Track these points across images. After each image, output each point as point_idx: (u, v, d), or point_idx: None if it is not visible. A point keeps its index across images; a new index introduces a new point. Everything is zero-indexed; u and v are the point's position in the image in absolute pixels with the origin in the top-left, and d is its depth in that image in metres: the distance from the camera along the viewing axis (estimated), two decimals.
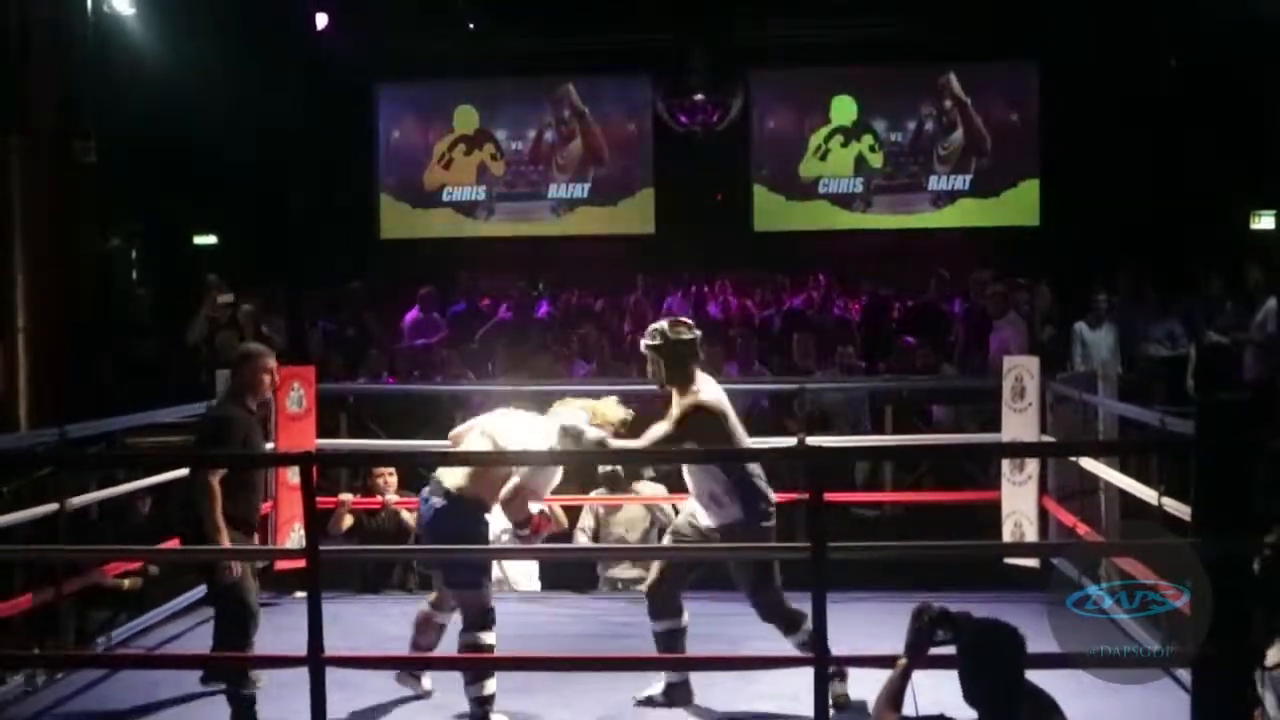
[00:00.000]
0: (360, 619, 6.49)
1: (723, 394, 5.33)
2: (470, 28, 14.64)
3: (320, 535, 4.75)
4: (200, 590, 6.89)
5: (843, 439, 8.16)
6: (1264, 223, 14.26)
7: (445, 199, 15.87)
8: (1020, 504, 7.25)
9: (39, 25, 9.55)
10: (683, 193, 15.21)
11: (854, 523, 8.33)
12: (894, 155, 15.44)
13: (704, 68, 14.85)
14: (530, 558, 7.70)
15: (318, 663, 4.09)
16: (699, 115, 15.05)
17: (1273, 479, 4.22)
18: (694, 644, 6.13)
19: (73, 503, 5.91)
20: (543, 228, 15.71)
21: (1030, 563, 7.11)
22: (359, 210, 15.43)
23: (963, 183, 15.37)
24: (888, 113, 15.50)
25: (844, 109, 15.46)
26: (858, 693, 3.71)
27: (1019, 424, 7.23)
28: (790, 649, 5.07)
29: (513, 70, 15.24)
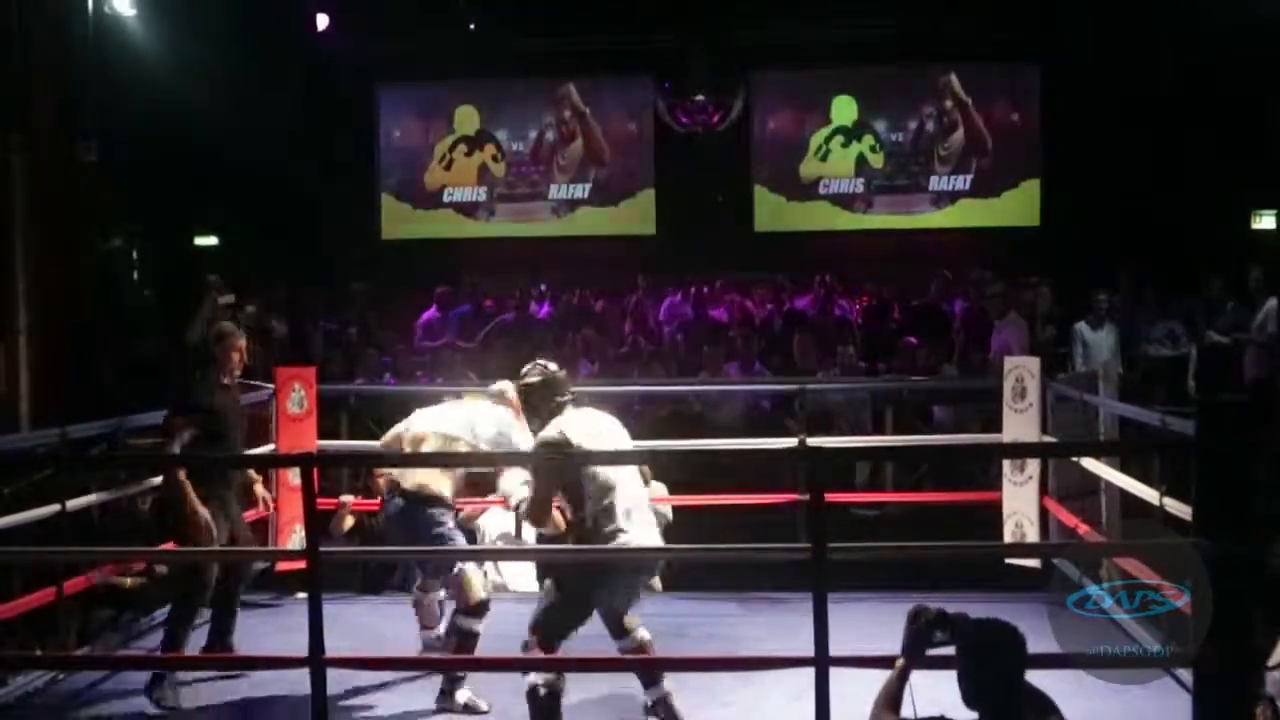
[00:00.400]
0: (361, 620, 6.48)
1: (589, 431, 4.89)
2: (471, 28, 14.65)
3: (321, 536, 4.73)
4: None
5: (843, 439, 8.16)
6: (1264, 223, 14.25)
7: (446, 199, 15.87)
8: (1021, 504, 7.25)
9: (40, 26, 9.57)
10: (683, 193, 15.21)
11: (854, 523, 8.33)
12: (895, 156, 15.43)
13: (705, 68, 14.86)
14: (528, 558, 7.70)
15: (318, 663, 4.09)
16: (700, 116, 15.06)
17: (1274, 480, 4.21)
18: (694, 644, 6.15)
19: (73, 503, 5.90)
20: (543, 228, 15.70)
21: (1031, 563, 7.11)
22: (360, 211, 15.43)
23: (963, 183, 15.36)
24: (888, 113, 15.49)
25: (845, 109, 15.45)
26: (857, 693, 3.70)
27: (1020, 424, 7.23)
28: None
29: (513, 71, 15.23)
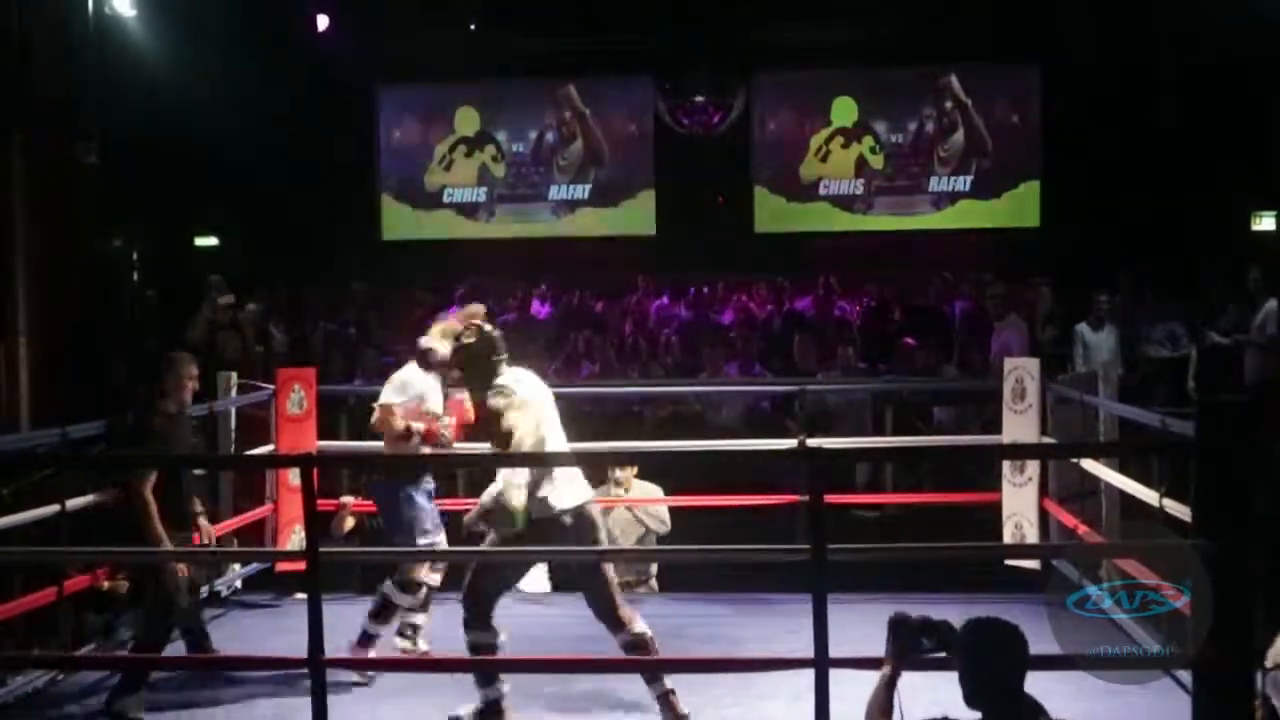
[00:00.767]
0: (361, 621, 6.47)
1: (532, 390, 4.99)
2: (471, 29, 14.65)
3: (321, 537, 4.73)
4: (200, 592, 6.91)
5: (843, 440, 8.16)
6: (1264, 223, 14.26)
7: (446, 200, 15.86)
8: (1021, 505, 7.26)
9: (41, 26, 9.57)
10: (684, 194, 15.20)
11: (854, 524, 8.33)
12: (895, 157, 15.41)
13: (705, 69, 14.87)
14: (526, 559, 7.68)
15: (318, 664, 4.09)
16: (700, 117, 15.07)
17: (1274, 480, 4.21)
18: (694, 645, 6.15)
19: (72, 503, 5.89)
20: (543, 229, 15.69)
21: (1031, 564, 7.11)
22: (360, 212, 15.43)
23: (963, 184, 15.35)
24: (888, 114, 15.48)
25: (845, 110, 15.44)
26: (857, 694, 3.70)
27: (1019, 425, 7.23)
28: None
29: (514, 71, 15.23)
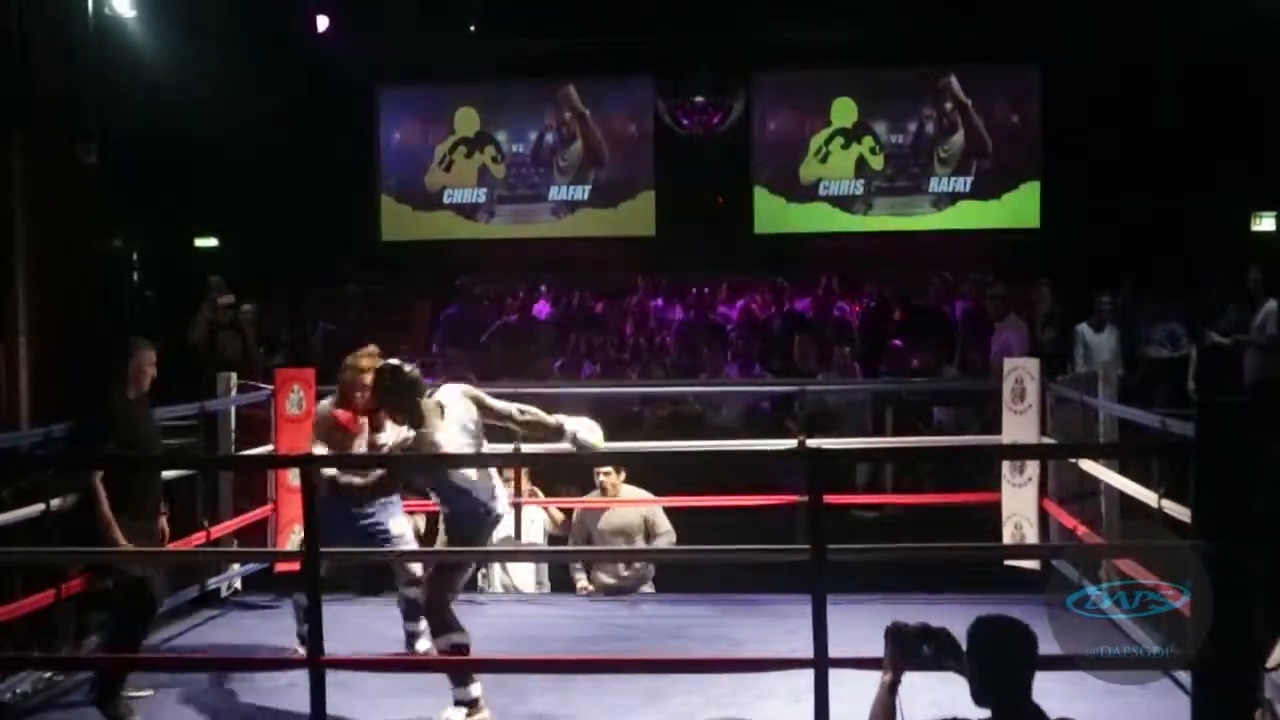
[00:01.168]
0: (360, 621, 6.48)
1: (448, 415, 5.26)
2: (471, 30, 14.66)
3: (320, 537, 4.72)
4: (194, 591, 6.91)
5: (843, 441, 8.16)
6: (1264, 223, 14.26)
7: (446, 201, 15.86)
8: (1020, 506, 7.25)
9: (41, 26, 9.56)
10: (684, 195, 15.21)
11: (854, 524, 8.33)
12: (895, 157, 15.42)
13: (705, 70, 14.87)
14: (525, 559, 7.70)
15: (318, 665, 4.09)
16: (700, 117, 15.07)
17: (1274, 480, 4.21)
18: (694, 645, 6.16)
19: (57, 503, 5.86)
20: (543, 230, 15.69)
21: (1030, 564, 7.10)
22: (360, 212, 15.43)
23: (963, 185, 15.36)
24: (888, 115, 15.48)
25: (845, 111, 15.45)
26: (856, 695, 3.70)
27: (1019, 426, 7.23)
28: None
29: (514, 72, 15.23)
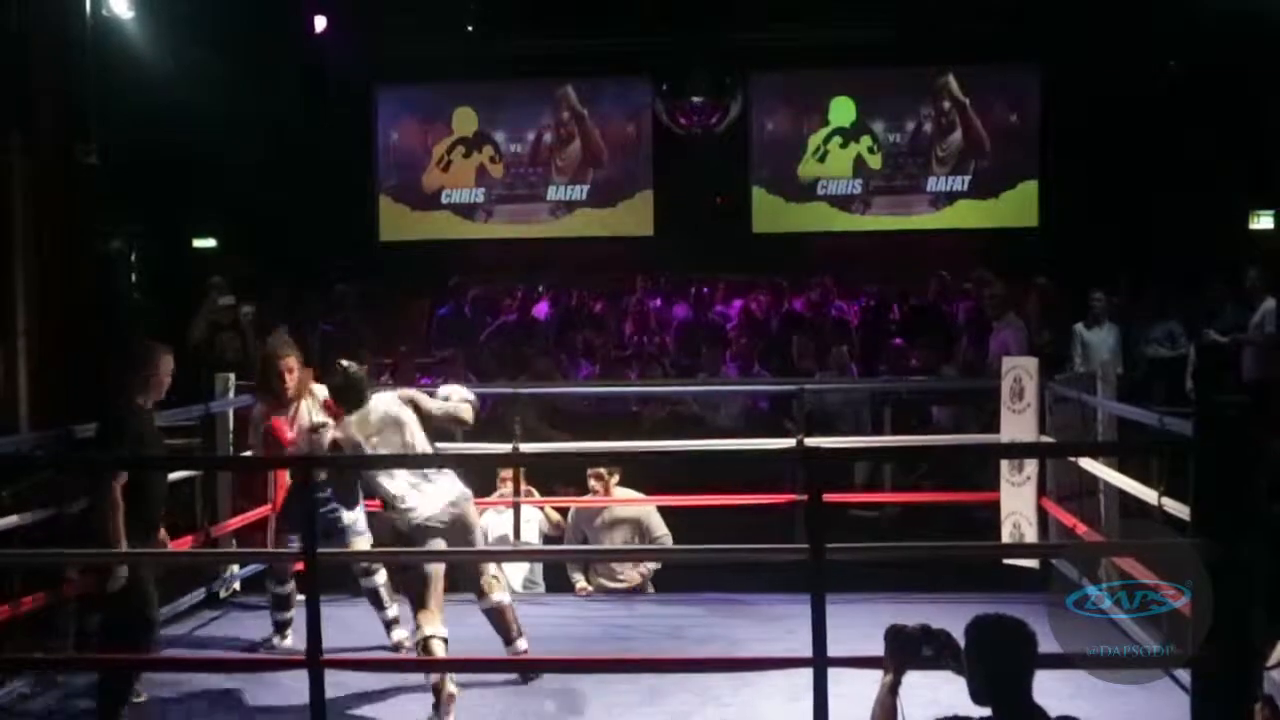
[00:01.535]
0: (360, 621, 6.47)
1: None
2: (469, 30, 14.66)
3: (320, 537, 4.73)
4: (200, 593, 6.91)
5: (842, 440, 8.16)
6: (1264, 223, 14.27)
7: (444, 201, 15.87)
8: (1019, 505, 7.25)
9: (40, 27, 9.55)
10: (682, 195, 15.21)
11: (853, 524, 8.33)
12: (893, 156, 15.43)
13: (703, 70, 14.86)
14: (524, 559, 7.70)
15: (317, 665, 4.09)
16: (698, 117, 15.06)
17: (1273, 480, 4.21)
18: (692, 645, 6.16)
19: (70, 506, 5.88)
20: (541, 230, 15.70)
21: (1030, 563, 7.11)
22: (358, 213, 15.43)
23: (961, 184, 15.37)
24: (886, 114, 15.50)
25: (843, 110, 15.46)
26: (855, 694, 3.70)
27: (1017, 425, 7.23)
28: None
29: (512, 72, 15.23)
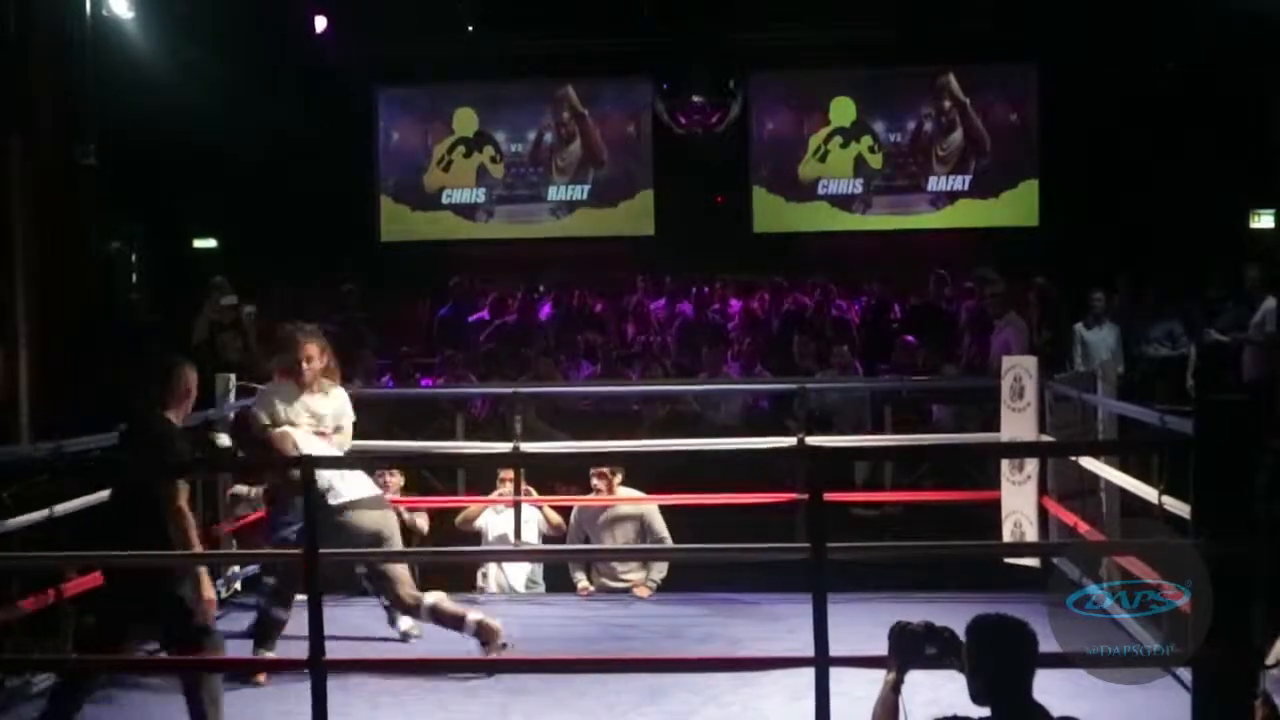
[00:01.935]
0: (361, 622, 6.48)
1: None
2: (469, 30, 14.66)
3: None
4: None
5: (843, 439, 8.16)
6: (1264, 222, 14.27)
7: (445, 201, 15.85)
8: (1020, 504, 7.25)
9: (39, 27, 9.56)
10: (682, 195, 15.19)
11: (854, 523, 8.34)
12: (893, 156, 15.42)
13: (703, 70, 14.85)
14: (525, 559, 7.71)
15: (319, 666, 4.09)
16: (698, 117, 15.05)
17: (1274, 480, 4.22)
18: (693, 644, 6.16)
19: (61, 508, 5.86)
20: (542, 230, 15.68)
21: (1030, 562, 7.10)
22: (358, 213, 15.42)
23: (962, 183, 15.36)
24: (887, 114, 15.48)
25: (843, 110, 15.45)
26: (857, 694, 3.70)
27: (1018, 424, 7.23)
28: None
29: (512, 72, 15.23)
